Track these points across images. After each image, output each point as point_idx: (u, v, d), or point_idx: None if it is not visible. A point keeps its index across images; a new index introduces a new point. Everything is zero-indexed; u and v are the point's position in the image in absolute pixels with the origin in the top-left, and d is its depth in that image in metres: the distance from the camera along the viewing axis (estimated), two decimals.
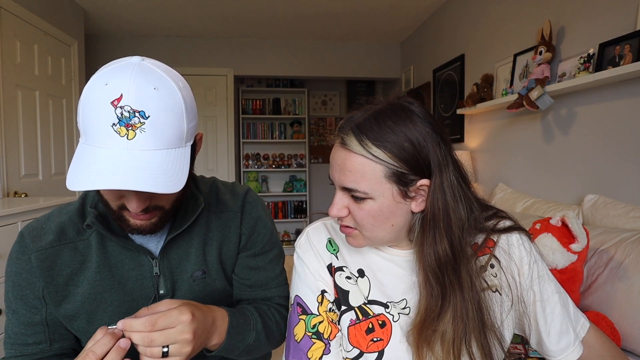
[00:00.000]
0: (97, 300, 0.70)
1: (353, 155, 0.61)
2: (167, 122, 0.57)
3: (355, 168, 0.61)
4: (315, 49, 4.30)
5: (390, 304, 0.68)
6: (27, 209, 1.81)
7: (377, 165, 0.60)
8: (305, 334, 0.68)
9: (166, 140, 0.58)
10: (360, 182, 0.60)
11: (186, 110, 0.60)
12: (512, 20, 2.40)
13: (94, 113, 0.56)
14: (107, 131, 0.55)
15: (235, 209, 0.81)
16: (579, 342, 0.70)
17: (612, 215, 1.56)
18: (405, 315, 0.67)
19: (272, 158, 5.16)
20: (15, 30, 2.41)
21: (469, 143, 2.94)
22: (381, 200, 0.61)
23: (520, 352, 1.03)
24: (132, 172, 0.54)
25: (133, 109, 0.55)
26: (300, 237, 0.77)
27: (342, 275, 0.71)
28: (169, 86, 0.58)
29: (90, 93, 0.57)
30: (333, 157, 0.65)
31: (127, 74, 0.56)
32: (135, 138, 0.55)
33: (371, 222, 0.63)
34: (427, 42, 3.68)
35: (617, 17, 1.67)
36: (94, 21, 3.57)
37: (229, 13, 3.46)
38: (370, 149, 0.59)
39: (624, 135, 1.65)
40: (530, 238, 0.72)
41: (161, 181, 0.56)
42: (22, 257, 0.69)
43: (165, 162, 0.57)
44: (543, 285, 0.70)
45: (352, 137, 0.61)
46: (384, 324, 0.67)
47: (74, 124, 3.10)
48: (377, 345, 0.66)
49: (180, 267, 0.74)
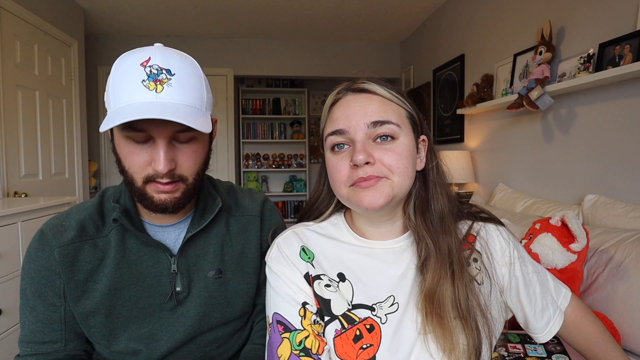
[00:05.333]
0: (116, 296, 0.70)
1: (377, 96, 0.64)
2: (190, 81, 0.64)
3: (382, 105, 0.63)
4: (315, 49, 4.30)
5: (377, 306, 0.64)
6: (27, 209, 1.81)
7: (399, 107, 0.65)
8: (292, 353, 0.62)
9: (190, 97, 0.63)
10: (392, 115, 0.63)
11: (204, 80, 0.67)
12: (512, 20, 2.40)
13: (124, 75, 0.61)
14: (137, 87, 0.60)
15: (255, 213, 0.83)
16: (560, 312, 0.73)
17: (612, 215, 1.56)
18: (392, 314, 0.63)
19: (272, 158, 5.16)
20: (15, 30, 2.41)
21: (469, 143, 2.94)
22: (408, 139, 0.64)
23: (519, 351, 1.03)
24: (165, 109, 0.59)
25: (160, 67, 0.61)
26: (271, 250, 0.71)
27: (321, 284, 0.66)
28: (189, 58, 0.67)
29: (120, 62, 0.63)
30: (348, 105, 0.64)
31: (153, 47, 0.64)
32: (163, 91, 0.61)
33: (405, 162, 0.62)
34: (427, 42, 3.68)
35: (617, 17, 1.67)
36: (94, 21, 3.57)
37: (229, 13, 3.46)
38: (392, 91, 0.64)
39: (624, 135, 1.65)
40: (506, 227, 0.74)
41: (192, 121, 0.60)
42: (42, 254, 0.69)
43: (191, 113, 0.62)
44: (523, 269, 0.71)
45: (371, 83, 0.64)
46: (372, 328, 0.62)
47: (74, 123, 3.10)
48: (367, 353, 0.61)
49: (197, 265, 0.76)
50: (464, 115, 2.98)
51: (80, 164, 3.16)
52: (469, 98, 2.64)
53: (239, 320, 0.82)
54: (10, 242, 1.72)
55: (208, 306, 0.76)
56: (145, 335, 0.72)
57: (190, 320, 0.74)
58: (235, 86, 4.50)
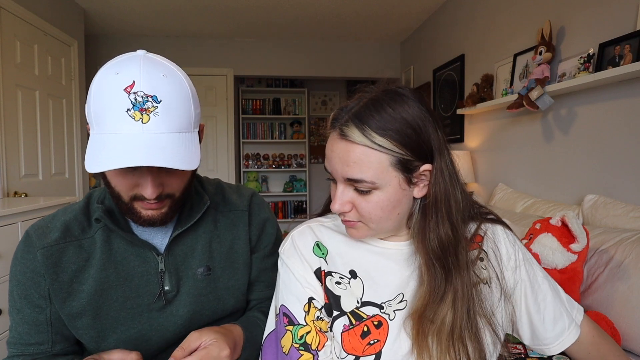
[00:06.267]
0: (103, 297, 0.70)
1: (356, 146, 0.58)
2: (177, 106, 0.60)
3: (360, 159, 0.58)
4: (315, 49, 4.30)
5: (385, 304, 0.66)
6: (27, 209, 1.81)
7: (382, 154, 0.58)
8: (292, 345, 0.65)
9: (178, 124, 0.60)
10: (367, 172, 0.58)
11: (192, 96, 0.64)
12: (512, 20, 2.40)
13: (107, 100, 0.57)
14: (121, 116, 0.56)
15: (243, 207, 0.82)
16: (576, 325, 0.70)
17: (612, 215, 1.56)
18: (401, 311, 0.65)
19: (272, 158, 5.16)
20: (15, 30, 2.41)
21: (469, 143, 2.94)
22: (388, 189, 0.60)
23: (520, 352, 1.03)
24: (151, 151, 0.56)
25: (146, 94, 0.57)
26: (285, 242, 0.72)
27: (333, 280, 0.68)
28: (175, 74, 0.62)
29: (101, 82, 0.58)
30: (332, 149, 0.61)
31: (136, 63, 0.59)
32: (149, 122, 0.57)
33: (379, 213, 0.61)
34: (427, 42, 3.67)
35: (617, 17, 1.67)
36: (94, 21, 3.57)
37: (229, 13, 3.46)
38: (374, 139, 0.57)
39: (624, 135, 1.65)
40: (512, 231, 0.73)
41: (179, 159, 0.58)
42: (27, 256, 0.69)
43: (179, 143, 0.60)
44: (531, 272, 0.70)
45: (352, 127, 0.58)
46: (380, 324, 0.64)
47: (74, 123, 3.10)
48: (374, 348, 0.63)
49: (185, 263, 0.75)
50: (464, 115, 2.97)
51: (80, 164, 3.16)
52: (469, 98, 2.64)
53: (231, 317, 0.82)
54: (10, 242, 1.72)
55: (198, 304, 0.75)
56: (135, 335, 0.72)
57: (181, 319, 0.74)
58: (235, 86, 4.50)
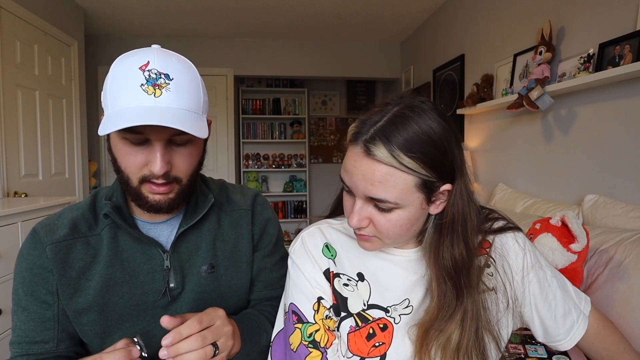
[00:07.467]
0: (109, 293, 0.71)
1: (382, 165, 0.57)
2: (188, 87, 0.65)
3: (385, 179, 0.57)
4: (315, 49, 4.30)
5: (391, 308, 0.67)
6: (27, 209, 1.81)
7: (408, 175, 0.57)
8: (302, 342, 0.67)
9: (188, 102, 0.64)
10: (391, 193, 0.57)
11: (201, 84, 0.68)
12: (512, 20, 2.40)
13: (123, 79, 0.62)
14: (136, 91, 0.61)
15: (246, 207, 0.84)
16: (584, 317, 0.72)
17: (612, 215, 1.56)
18: (406, 315, 0.66)
19: (272, 158, 5.16)
20: (15, 30, 2.41)
21: (469, 143, 2.94)
22: (410, 209, 0.60)
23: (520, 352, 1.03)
24: (164, 115, 0.60)
25: (159, 72, 0.62)
26: (295, 242, 0.74)
27: (340, 282, 0.69)
28: (187, 62, 0.68)
29: (118, 64, 0.64)
30: (354, 165, 0.59)
31: (151, 50, 0.65)
32: (161, 96, 0.61)
33: (397, 231, 0.61)
34: (427, 42, 3.67)
35: (617, 17, 1.67)
36: (94, 21, 3.57)
37: (229, 13, 3.46)
38: (402, 160, 0.56)
39: (624, 135, 1.65)
40: (523, 234, 0.73)
41: (189, 126, 0.62)
42: (34, 252, 0.69)
43: (189, 117, 0.63)
44: (540, 273, 0.71)
45: (379, 145, 0.56)
46: (385, 327, 0.66)
47: (74, 123, 3.10)
48: (379, 350, 0.65)
49: (190, 261, 0.76)
50: (464, 115, 2.98)
51: (80, 164, 3.16)
52: (469, 98, 2.64)
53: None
54: (10, 242, 1.72)
55: (201, 302, 0.76)
56: (139, 332, 0.72)
57: None
58: (235, 86, 4.50)
